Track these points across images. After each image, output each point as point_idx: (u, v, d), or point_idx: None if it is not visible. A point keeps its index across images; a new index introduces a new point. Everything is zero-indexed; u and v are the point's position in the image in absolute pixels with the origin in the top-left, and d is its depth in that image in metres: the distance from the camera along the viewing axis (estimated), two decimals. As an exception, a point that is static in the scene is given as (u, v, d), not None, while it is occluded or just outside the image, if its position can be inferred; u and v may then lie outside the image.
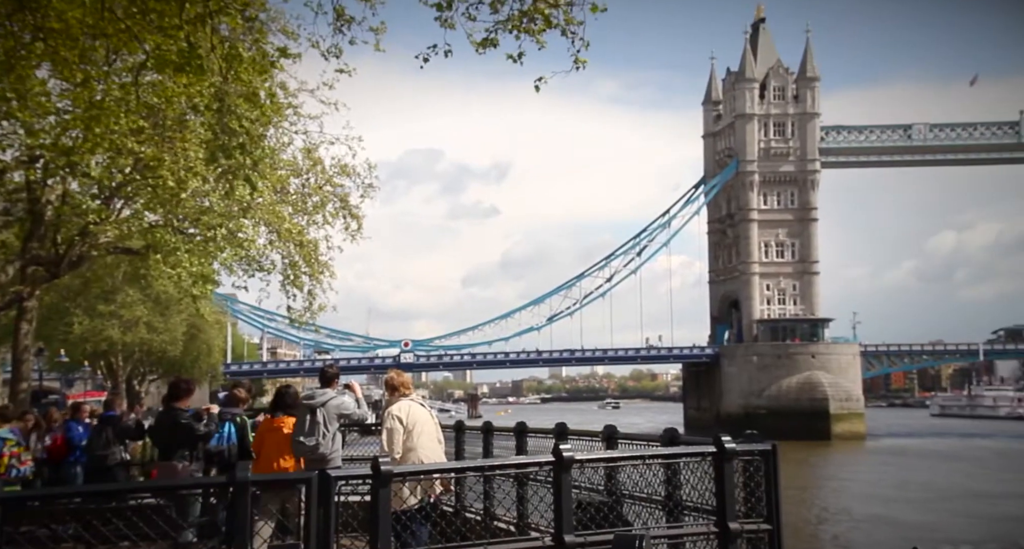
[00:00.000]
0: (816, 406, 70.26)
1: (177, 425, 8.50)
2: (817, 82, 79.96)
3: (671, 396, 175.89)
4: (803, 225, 79.99)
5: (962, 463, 47.78)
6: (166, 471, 8.43)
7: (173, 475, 8.23)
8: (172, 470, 8.33)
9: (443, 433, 7.87)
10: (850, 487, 38.03)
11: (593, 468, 7.31)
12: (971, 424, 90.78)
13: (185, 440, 8.52)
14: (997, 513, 29.51)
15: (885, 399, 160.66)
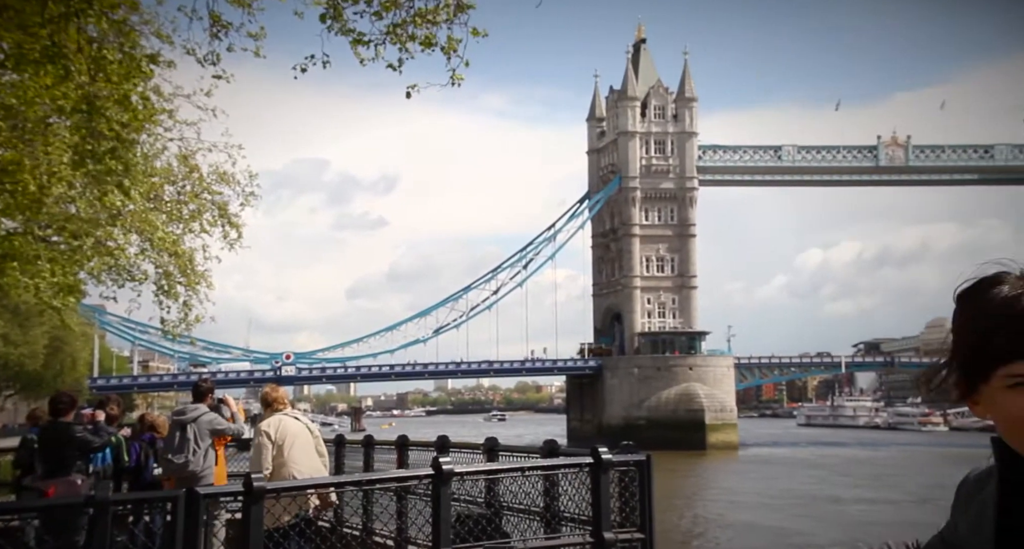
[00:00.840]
0: (693, 417, 72.46)
1: (72, 439, 8.08)
2: (695, 102, 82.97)
3: (555, 408, 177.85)
4: (682, 241, 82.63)
5: (822, 470, 50.48)
6: (66, 488, 7.98)
7: (75, 492, 7.80)
8: (72, 487, 7.89)
9: (324, 448, 7.75)
10: (721, 495, 39.48)
11: (473, 481, 7.34)
12: (833, 433, 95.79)
13: (80, 454, 8.11)
14: (847, 516, 31.47)
15: (756, 410, 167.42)
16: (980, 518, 1.67)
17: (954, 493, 1.80)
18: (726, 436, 72.63)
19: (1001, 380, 1.54)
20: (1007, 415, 1.56)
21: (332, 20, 6.76)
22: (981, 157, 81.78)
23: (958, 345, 1.60)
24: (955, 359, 1.61)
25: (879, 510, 32.20)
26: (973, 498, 1.73)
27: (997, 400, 1.56)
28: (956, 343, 1.61)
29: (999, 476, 1.64)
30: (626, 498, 7.59)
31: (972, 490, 1.74)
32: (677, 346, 78.76)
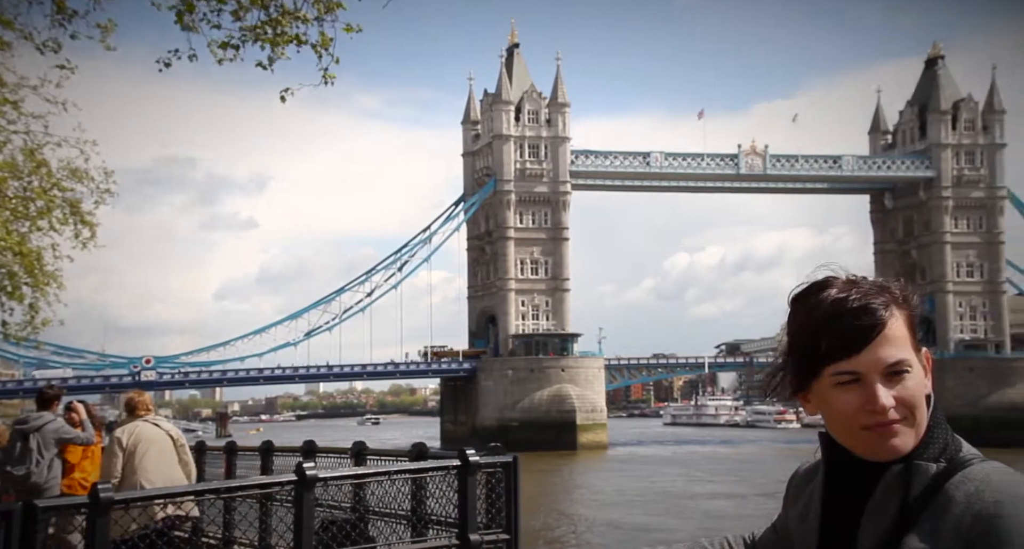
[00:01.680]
0: (564, 417, 73.74)
1: None
2: (568, 108, 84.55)
3: (430, 411, 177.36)
4: (556, 244, 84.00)
5: (683, 467, 52.69)
6: None
7: None
8: None
9: (190, 456, 7.51)
10: (588, 494, 40.58)
11: (338, 486, 7.23)
12: (696, 431, 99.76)
13: None
14: (702, 511, 33.15)
15: (625, 410, 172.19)
16: (807, 509, 1.78)
17: (786, 486, 1.90)
18: (596, 436, 74.27)
19: (828, 378, 1.63)
20: (833, 410, 1.66)
21: (188, 15, 6.52)
22: (831, 167, 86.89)
23: (792, 346, 1.70)
24: (789, 359, 1.72)
25: (732, 504, 33.87)
26: (802, 490, 1.83)
27: (825, 397, 1.66)
28: (790, 344, 1.70)
29: (825, 469, 1.75)
30: (492, 499, 7.66)
31: (801, 483, 1.85)
32: (550, 348, 79.96)
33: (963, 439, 1.66)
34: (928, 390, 1.66)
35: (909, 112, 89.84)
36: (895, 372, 1.61)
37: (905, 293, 1.69)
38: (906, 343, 1.63)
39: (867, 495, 1.65)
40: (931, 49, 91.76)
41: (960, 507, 1.53)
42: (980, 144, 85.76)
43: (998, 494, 1.51)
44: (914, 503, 1.59)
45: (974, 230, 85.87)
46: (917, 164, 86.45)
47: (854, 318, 1.62)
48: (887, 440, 1.61)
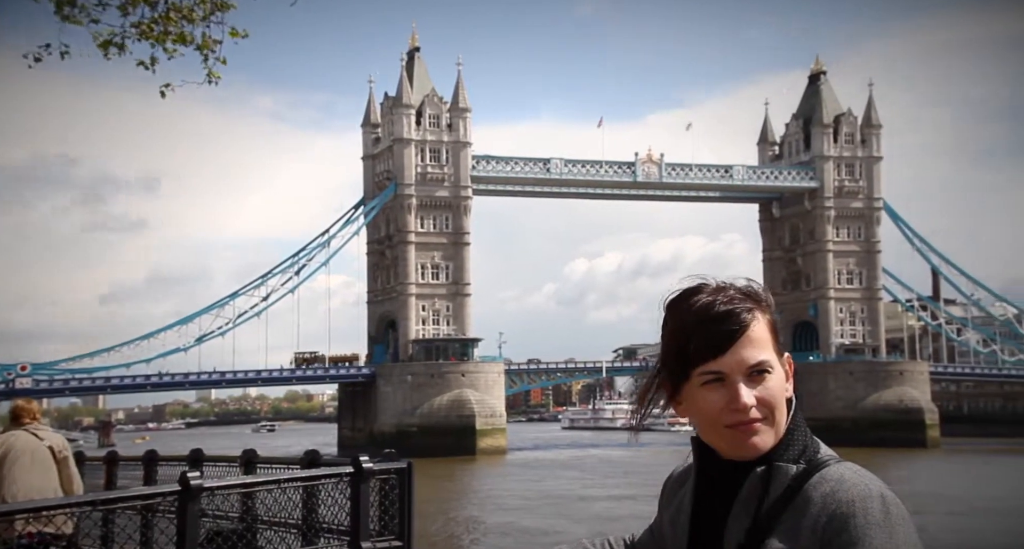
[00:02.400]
0: (464, 422, 73.70)
1: None
2: (469, 113, 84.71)
3: (327, 417, 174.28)
4: (457, 248, 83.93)
5: (578, 471, 53.60)
6: None
7: None
8: None
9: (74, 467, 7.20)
10: (485, 498, 40.79)
11: (225, 495, 7.05)
12: (594, 435, 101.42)
13: None
14: (593, 513, 33.83)
15: (525, 414, 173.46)
16: (679, 512, 1.85)
17: (661, 489, 1.95)
18: (495, 441, 74.51)
19: (696, 378, 1.72)
20: (701, 411, 1.73)
21: (69, 7, 6.28)
22: (722, 176, 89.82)
23: (664, 350, 1.78)
24: (663, 363, 1.80)
25: (622, 505, 34.68)
26: (675, 493, 1.90)
27: (694, 398, 1.74)
28: (663, 348, 1.79)
29: (696, 472, 1.83)
30: (386, 506, 7.61)
31: (675, 486, 1.92)
32: (451, 353, 79.83)
33: (820, 441, 1.76)
34: (789, 393, 1.76)
35: (794, 125, 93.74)
36: (757, 372, 1.70)
37: (768, 300, 1.80)
38: (768, 346, 1.72)
39: (734, 497, 1.73)
40: (814, 65, 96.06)
41: (817, 507, 1.61)
42: (859, 157, 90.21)
43: (851, 494, 1.59)
44: (775, 504, 1.66)
45: (854, 239, 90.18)
46: (802, 175, 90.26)
47: (720, 321, 1.71)
48: (748, 438, 1.69)
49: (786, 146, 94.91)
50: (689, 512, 1.82)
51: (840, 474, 1.64)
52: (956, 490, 42.71)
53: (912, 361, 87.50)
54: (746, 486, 1.71)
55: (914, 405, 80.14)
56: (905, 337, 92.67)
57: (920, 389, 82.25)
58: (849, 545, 1.54)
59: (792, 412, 1.75)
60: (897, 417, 79.19)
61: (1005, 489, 43.19)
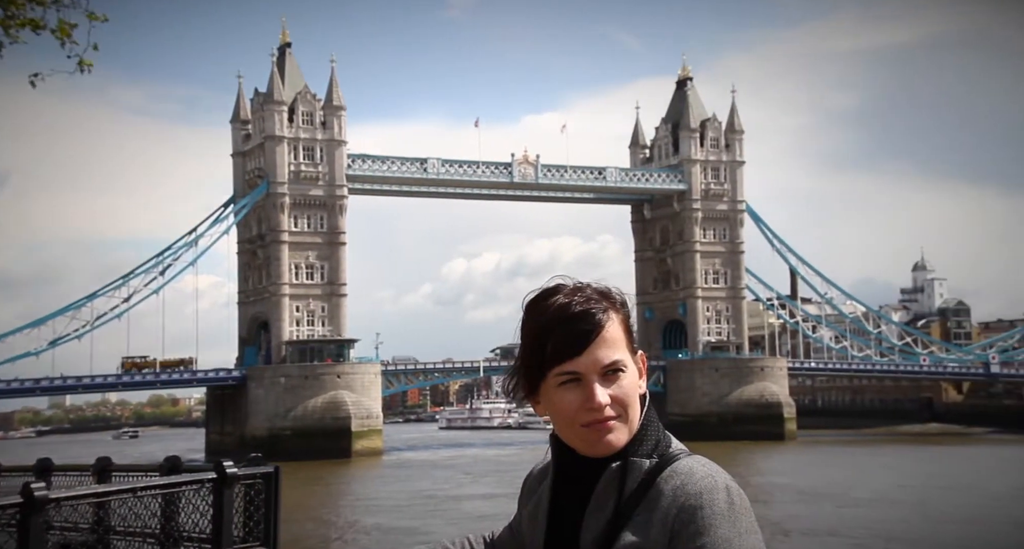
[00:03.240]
0: (339, 424, 72.49)
1: None
2: (344, 111, 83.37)
3: (194, 422, 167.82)
4: (332, 248, 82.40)
5: (453, 471, 53.78)
6: None
7: None
8: None
9: None
10: (358, 500, 40.43)
11: (74, 506, 6.72)
12: (471, 434, 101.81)
13: None
14: (465, 512, 34.18)
15: (402, 415, 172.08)
16: (537, 508, 1.90)
17: (521, 486, 2.00)
18: (371, 442, 73.66)
19: (553, 378, 1.76)
20: (558, 410, 1.78)
21: None
22: (596, 178, 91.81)
23: (523, 349, 1.82)
24: (521, 362, 1.83)
25: (493, 504, 35.05)
26: (534, 490, 1.94)
27: (551, 397, 1.78)
28: (522, 347, 1.82)
29: (554, 468, 1.88)
30: (251, 512, 7.43)
31: (534, 483, 1.97)
32: (326, 354, 78.36)
33: (672, 435, 1.85)
34: (643, 390, 1.84)
35: (663, 129, 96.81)
36: (612, 371, 1.77)
37: (622, 299, 1.88)
38: (622, 345, 1.80)
39: (591, 492, 1.79)
40: (681, 71, 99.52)
41: (667, 500, 1.69)
42: (724, 161, 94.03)
43: (698, 486, 1.68)
44: (630, 498, 1.74)
45: (719, 240, 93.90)
46: (671, 177, 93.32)
47: (576, 322, 1.76)
48: (603, 436, 1.76)
49: (656, 149, 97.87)
50: (547, 508, 1.88)
51: (690, 467, 1.73)
52: (808, 480, 45.28)
53: (772, 357, 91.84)
54: (602, 481, 1.77)
55: (774, 400, 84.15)
56: (766, 334, 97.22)
57: (779, 384, 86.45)
58: (696, 535, 1.62)
59: (645, 408, 1.84)
60: (759, 411, 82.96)
61: (851, 478, 46.12)
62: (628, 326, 1.85)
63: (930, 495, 37.76)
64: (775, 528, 29.24)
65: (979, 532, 29.03)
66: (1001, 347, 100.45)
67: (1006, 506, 34.69)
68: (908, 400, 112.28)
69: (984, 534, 28.80)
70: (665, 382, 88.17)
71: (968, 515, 32.27)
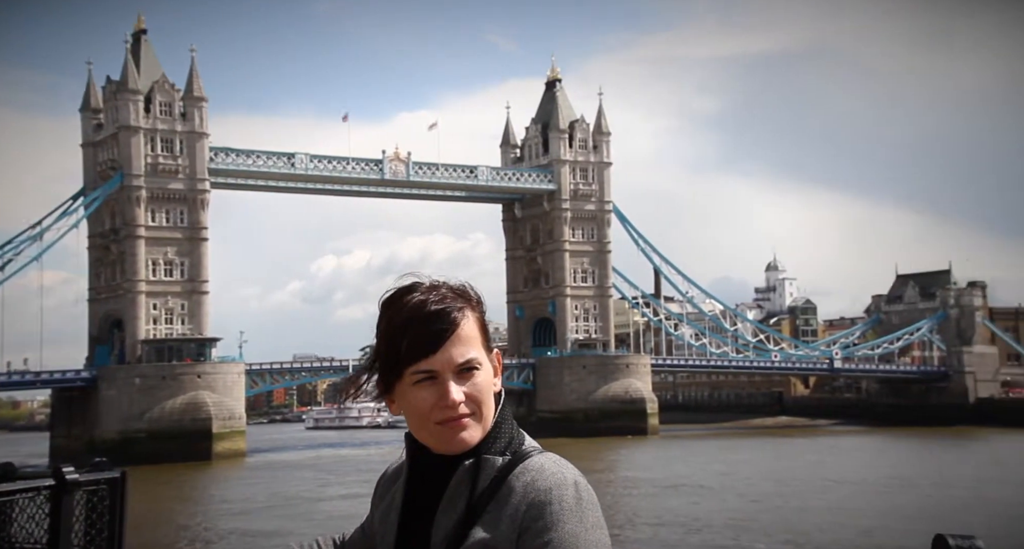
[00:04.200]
0: (199, 426, 69.87)
1: None
2: (205, 102, 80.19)
3: (37, 426, 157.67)
4: (193, 244, 79.26)
5: (318, 471, 52.93)
6: None
7: None
8: None
9: None
10: (216, 504, 39.20)
11: None
12: (339, 434, 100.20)
13: None
14: (326, 513, 33.92)
15: (267, 415, 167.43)
16: (389, 508, 1.89)
17: (374, 487, 1.98)
18: (234, 444, 71.37)
19: (408, 377, 1.77)
20: (413, 409, 1.78)
21: None
22: (468, 176, 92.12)
23: (378, 348, 1.81)
24: (376, 361, 1.83)
25: (356, 504, 34.76)
26: (388, 490, 1.94)
27: (406, 396, 1.79)
28: (377, 346, 1.82)
29: (408, 467, 1.87)
30: (93, 520, 7.03)
31: (388, 483, 1.95)
32: (186, 353, 75.31)
33: (526, 433, 1.87)
34: (498, 388, 1.86)
35: (533, 129, 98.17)
36: (466, 370, 1.78)
37: (479, 297, 1.88)
38: (477, 343, 1.81)
39: (444, 491, 1.79)
40: (550, 72, 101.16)
41: (518, 496, 1.71)
42: (592, 162, 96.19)
43: (548, 482, 1.70)
44: (482, 495, 1.75)
45: (587, 240, 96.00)
46: (541, 177, 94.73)
47: (431, 321, 1.76)
48: (457, 434, 1.77)
49: (527, 149, 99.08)
50: (399, 508, 1.87)
51: (540, 464, 1.76)
52: (665, 473, 47.02)
53: (637, 354, 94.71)
54: (454, 479, 1.78)
55: (638, 396, 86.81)
56: (631, 332, 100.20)
57: (643, 381, 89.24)
58: (544, 530, 1.65)
59: (500, 406, 1.85)
60: (624, 407, 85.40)
61: (704, 470, 48.23)
62: (484, 324, 1.86)
63: (768, 486, 40.01)
64: (634, 519, 30.23)
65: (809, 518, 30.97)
66: (843, 343, 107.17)
67: (838, 494, 37.29)
68: (761, 394, 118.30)
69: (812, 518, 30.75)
70: (535, 379, 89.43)
71: (814, 504, 34.33)
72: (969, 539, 1.79)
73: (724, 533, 28.03)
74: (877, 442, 73.83)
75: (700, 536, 27.74)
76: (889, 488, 39.43)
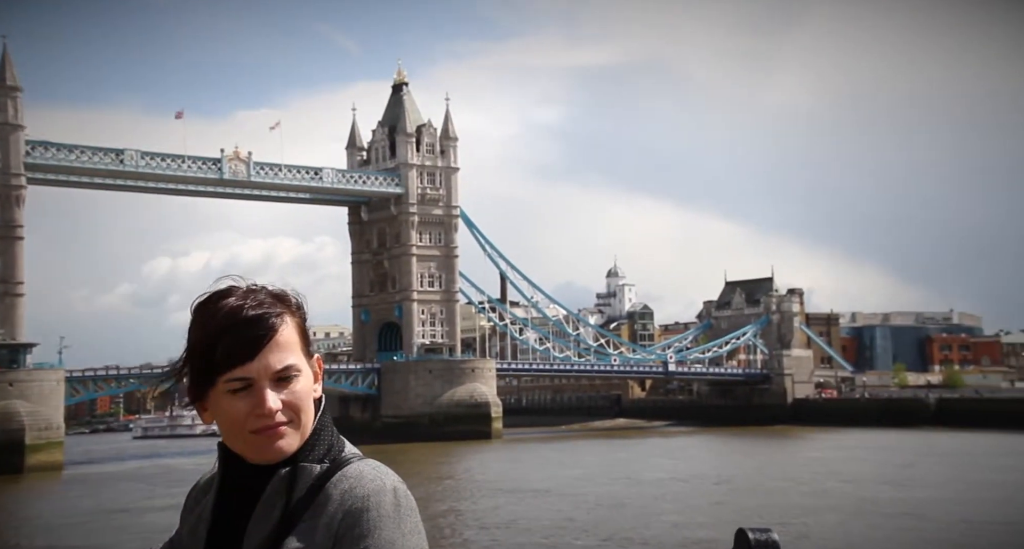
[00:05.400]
0: (11, 437, 64.87)
1: None
2: (19, 92, 74.71)
3: None
4: (7, 243, 73.72)
5: (142, 483, 50.52)
6: None
7: None
8: None
9: None
10: (29, 520, 36.86)
11: None
12: (169, 444, 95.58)
13: None
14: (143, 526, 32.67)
15: (89, 425, 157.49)
16: (199, 520, 1.81)
17: (184, 499, 1.89)
18: (50, 456, 66.65)
19: (222, 385, 1.70)
20: (226, 417, 1.73)
21: None
22: (312, 178, 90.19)
23: (190, 355, 1.74)
24: (187, 367, 1.76)
25: (166, 516, 33.35)
26: (198, 502, 1.86)
27: (219, 404, 1.72)
28: (188, 352, 1.74)
29: (220, 477, 1.81)
30: None
31: (199, 495, 1.88)
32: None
33: (347, 440, 1.81)
34: (318, 394, 1.79)
35: (380, 132, 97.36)
36: (284, 377, 1.71)
37: (299, 302, 1.81)
38: (296, 349, 1.74)
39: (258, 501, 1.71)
40: (397, 75, 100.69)
41: (335, 504, 1.65)
42: (439, 166, 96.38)
43: (366, 489, 1.65)
44: (298, 504, 1.68)
45: (435, 244, 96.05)
46: (388, 181, 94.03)
47: (248, 327, 1.69)
48: (273, 442, 1.70)
49: (373, 152, 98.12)
50: (209, 520, 1.78)
51: (359, 471, 1.70)
52: (502, 475, 47.66)
53: (483, 359, 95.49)
54: (269, 488, 1.70)
55: (483, 400, 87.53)
56: (477, 336, 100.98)
57: (488, 385, 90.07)
58: (360, 538, 1.61)
59: (320, 412, 1.78)
60: (468, 411, 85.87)
61: (539, 472, 49.32)
62: (304, 329, 1.80)
63: (596, 486, 41.51)
64: (465, 522, 30.46)
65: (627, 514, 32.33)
66: (677, 348, 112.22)
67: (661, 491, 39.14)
68: (601, 397, 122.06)
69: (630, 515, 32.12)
70: (380, 384, 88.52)
71: (631, 502, 35.77)
72: (766, 532, 1.95)
73: (548, 532, 28.73)
74: (703, 441, 77.70)
75: (526, 536, 28.26)
76: (705, 484, 41.85)
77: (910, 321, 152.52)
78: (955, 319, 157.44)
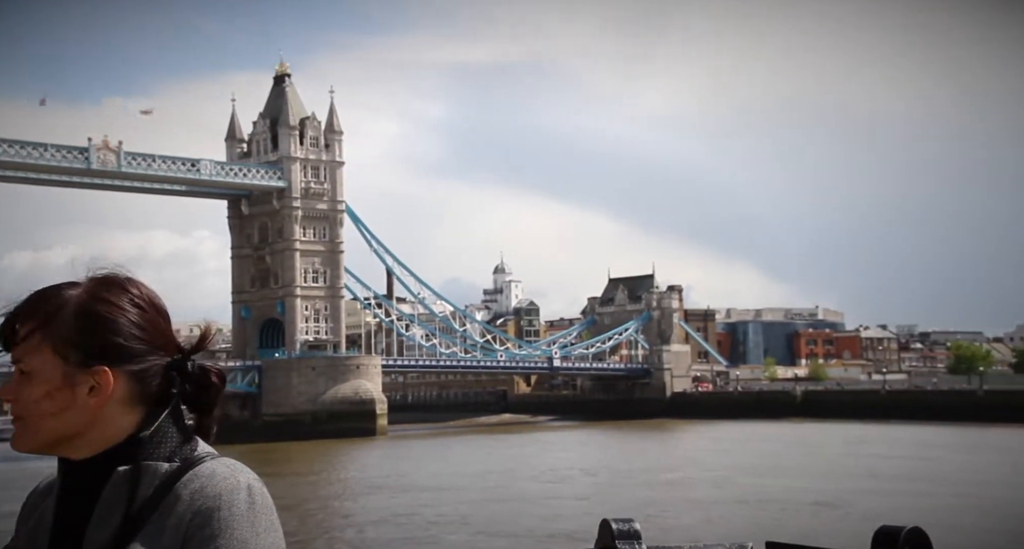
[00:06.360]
0: None
1: None
2: None
3: None
4: None
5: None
6: None
7: None
8: None
9: None
10: None
11: None
12: (5, 448, 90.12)
13: None
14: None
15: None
16: (37, 528, 1.72)
17: (22, 505, 1.81)
18: None
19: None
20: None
21: None
22: (189, 170, 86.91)
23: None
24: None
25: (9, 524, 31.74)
26: (38, 507, 1.77)
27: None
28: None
29: (60, 483, 1.71)
30: None
31: (38, 500, 1.78)
32: None
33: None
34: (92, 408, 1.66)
35: (262, 124, 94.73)
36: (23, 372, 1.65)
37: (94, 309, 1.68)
38: (46, 351, 1.64)
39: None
40: (279, 67, 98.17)
41: (184, 504, 1.58)
42: (324, 160, 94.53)
43: (218, 488, 1.58)
44: (144, 505, 1.60)
45: (319, 239, 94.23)
46: (271, 174, 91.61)
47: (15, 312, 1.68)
48: (15, 433, 1.66)
49: (254, 144, 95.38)
50: (50, 525, 1.67)
51: (212, 470, 1.62)
52: (383, 472, 47.43)
53: (368, 355, 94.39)
54: (107, 489, 1.62)
55: (367, 397, 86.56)
56: (363, 333, 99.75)
57: (373, 382, 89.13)
58: (212, 538, 1.54)
59: (170, 408, 1.70)
60: (353, 408, 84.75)
61: (419, 468, 49.33)
62: (90, 334, 1.68)
63: (476, 480, 41.94)
64: (343, 519, 30.12)
65: (507, 508, 32.87)
66: (562, 343, 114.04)
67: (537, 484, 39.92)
68: (487, 393, 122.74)
69: (509, 508, 32.66)
70: (261, 382, 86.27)
71: (509, 496, 36.32)
72: (628, 522, 2.07)
73: (422, 528, 28.83)
74: (585, 435, 79.38)
75: (400, 531, 28.24)
76: (580, 477, 43.08)
77: (780, 317, 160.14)
78: (820, 315, 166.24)
